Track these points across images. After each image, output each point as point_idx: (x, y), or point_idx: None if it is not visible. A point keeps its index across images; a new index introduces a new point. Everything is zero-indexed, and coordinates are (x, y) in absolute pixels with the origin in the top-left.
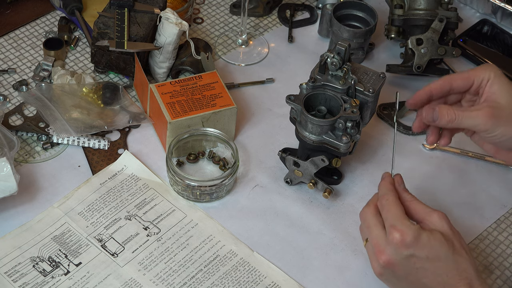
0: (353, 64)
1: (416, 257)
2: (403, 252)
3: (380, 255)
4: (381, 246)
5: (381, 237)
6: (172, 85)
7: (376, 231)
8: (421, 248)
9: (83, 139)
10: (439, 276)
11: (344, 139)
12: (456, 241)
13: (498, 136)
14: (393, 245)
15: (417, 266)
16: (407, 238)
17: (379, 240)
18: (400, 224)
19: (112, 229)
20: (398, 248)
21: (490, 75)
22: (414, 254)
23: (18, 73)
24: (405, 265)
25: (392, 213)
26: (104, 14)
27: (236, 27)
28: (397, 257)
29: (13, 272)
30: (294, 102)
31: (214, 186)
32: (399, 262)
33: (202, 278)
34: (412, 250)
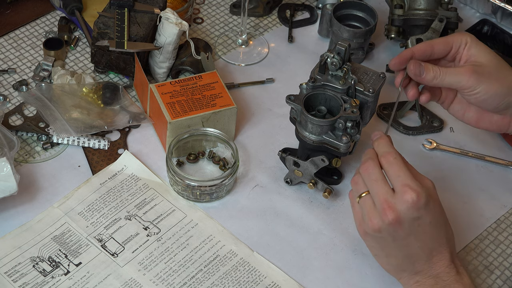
0: (353, 64)
1: (421, 219)
2: (413, 213)
3: (388, 212)
4: (391, 203)
5: (390, 194)
6: (172, 85)
7: (385, 187)
8: (428, 212)
9: (83, 139)
10: (433, 241)
11: (344, 139)
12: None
13: (481, 93)
14: (406, 204)
15: (419, 229)
16: (421, 200)
17: (389, 197)
18: (415, 185)
19: (112, 229)
20: (410, 208)
21: (467, 40)
22: (421, 217)
23: (18, 73)
24: (410, 225)
25: (404, 171)
26: (104, 14)
27: (236, 27)
28: (407, 216)
29: (13, 272)
30: (294, 102)
31: (214, 186)
32: (406, 222)
33: (202, 278)
34: (422, 213)
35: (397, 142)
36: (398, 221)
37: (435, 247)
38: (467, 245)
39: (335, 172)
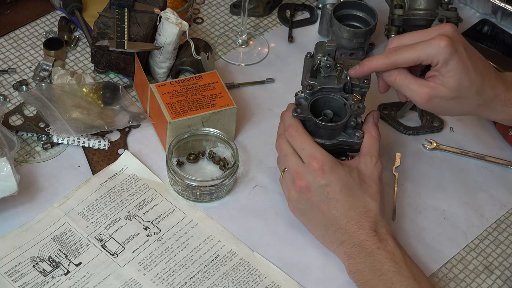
0: (342, 61)
1: (330, 187)
2: (320, 181)
3: (298, 181)
4: (300, 173)
5: (299, 165)
6: (172, 85)
7: (294, 159)
8: (336, 179)
9: (83, 139)
10: (347, 210)
11: (358, 135)
12: (375, 185)
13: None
14: (312, 173)
15: (330, 196)
16: (326, 167)
17: (298, 168)
18: (319, 154)
19: (112, 229)
20: (316, 176)
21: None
22: (329, 184)
23: (18, 73)
24: (320, 193)
25: (308, 143)
26: (104, 14)
27: (236, 27)
28: (314, 184)
29: (13, 272)
30: (302, 114)
31: (214, 186)
32: (315, 189)
33: (202, 278)
34: (328, 180)
35: (397, 142)
36: (307, 188)
37: (351, 216)
38: (467, 245)
39: None
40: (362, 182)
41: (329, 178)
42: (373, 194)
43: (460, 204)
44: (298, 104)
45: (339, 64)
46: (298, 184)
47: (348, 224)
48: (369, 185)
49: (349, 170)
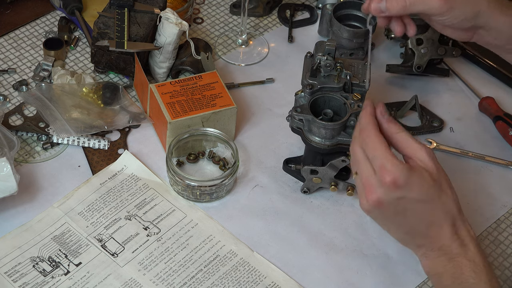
0: (342, 61)
1: (406, 198)
2: (394, 194)
3: (370, 194)
4: (371, 185)
5: (371, 175)
6: (172, 85)
7: (366, 167)
8: (411, 190)
9: (83, 139)
10: (426, 217)
11: None
12: (443, 179)
13: (452, 19)
14: (385, 186)
15: (406, 207)
16: (399, 181)
17: (369, 178)
18: (390, 165)
19: (112, 229)
20: (389, 190)
21: None
22: (404, 196)
23: (18, 73)
24: (395, 205)
25: (380, 151)
26: (104, 14)
27: (236, 27)
28: (388, 198)
29: (13, 272)
30: (302, 113)
31: (214, 186)
32: (389, 203)
33: (202, 278)
34: (403, 192)
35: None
36: (380, 203)
37: (431, 221)
38: None
39: (343, 168)
40: (434, 181)
41: (404, 191)
42: (446, 190)
43: (460, 204)
44: (297, 104)
45: (339, 64)
46: (370, 198)
47: (427, 230)
48: (440, 182)
49: (420, 174)
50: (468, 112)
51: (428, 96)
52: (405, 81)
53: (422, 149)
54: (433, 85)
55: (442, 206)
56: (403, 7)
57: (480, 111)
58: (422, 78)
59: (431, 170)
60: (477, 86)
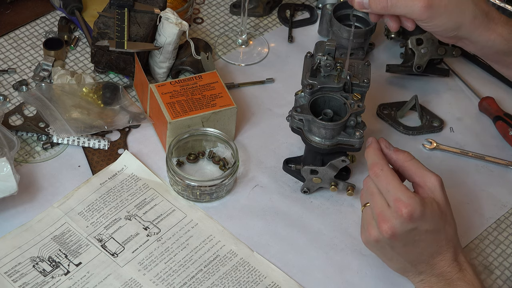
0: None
1: (418, 230)
2: (408, 226)
3: (383, 225)
4: (386, 217)
5: (385, 208)
6: (172, 85)
7: (380, 201)
8: (424, 222)
9: (83, 139)
10: (432, 246)
11: (358, 134)
12: (448, 210)
13: (433, 26)
14: (401, 218)
15: (416, 238)
16: (415, 213)
17: (384, 211)
18: (406, 198)
19: (112, 229)
20: (405, 222)
21: None
22: (416, 228)
23: (18, 73)
24: (407, 237)
25: (393, 185)
26: (104, 14)
27: (236, 27)
28: (402, 229)
29: (13, 272)
30: (302, 113)
31: (214, 186)
32: (401, 234)
33: (202, 278)
34: (417, 224)
35: (397, 142)
36: (393, 235)
37: (435, 250)
38: (467, 245)
39: (343, 168)
40: (441, 212)
41: (418, 222)
42: (450, 220)
43: (460, 204)
44: (298, 104)
45: (339, 64)
46: (383, 229)
47: (431, 258)
48: (445, 213)
49: (431, 205)
50: (468, 112)
51: (428, 96)
52: (405, 81)
53: (432, 178)
54: (433, 85)
55: (446, 235)
56: (384, 8)
57: (480, 111)
58: (422, 78)
59: (439, 200)
60: (477, 86)
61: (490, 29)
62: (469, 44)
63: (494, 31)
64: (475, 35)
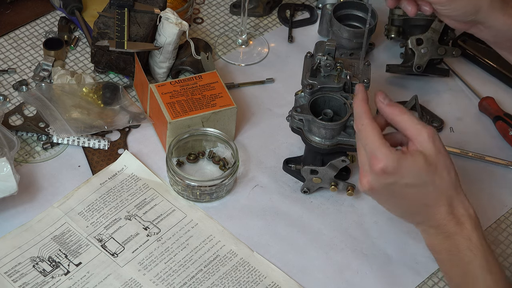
0: (342, 61)
1: (396, 184)
2: (384, 181)
3: (363, 180)
4: (364, 171)
5: (365, 163)
6: (172, 85)
7: (362, 155)
8: (401, 176)
9: (83, 139)
10: (419, 200)
11: None
12: (440, 161)
13: (451, 10)
14: (375, 174)
15: (397, 191)
16: (388, 168)
17: (363, 165)
18: (380, 154)
19: (112, 229)
20: (379, 177)
21: None
22: (394, 182)
23: (18, 73)
24: (387, 190)
25: (370, 139)
26: (104, 14)
27: (236, 27)
28: (378, 183)
29: (13, 272)
30: (302, 113)
31: (214, 186)
32: (381, 188)
33: (202, 278)
34: (392, 179)
35: None
36: (372, 189)
37: (426, 203)
38: None
39: (343, 168)
40: (428, 165)
41: (394, 177)
42: (441, 173)
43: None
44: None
45: (339, 64)
46: (363, 183)
47: (423, 210)
48: (435, 165)
49: (413, 160)
50: (468, 112)
51: (428, 96)
52: (405, 81)
53: (423, 131)
54: (433, 85)
55: (435, 188)
56: None
57: (480, 111)
58: (422, 78)
59: (428, 152)
60: (477, 86)
61: (506, 13)
62: (483, 30)
63: (510, 16)
64: (491, 19)
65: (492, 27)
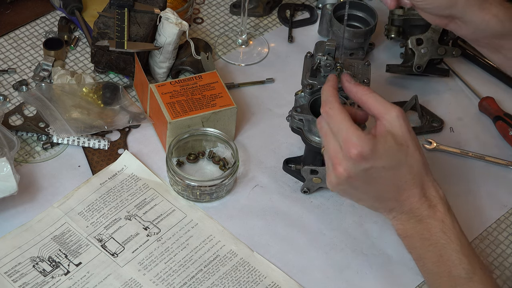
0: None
1: (373, 168)
2: (361, 166)
3: (339, 168)
4: (338, 159)
5: (337, 150)
6: (172, 85)
7: (332, 141)
8: (378, 158)
9: (83, 139)
10: (394, 183)
11: None
12: (410, 141)
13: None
14: (352, 160)
15: (374, 176)
16: (365, 152)
17: (336, 153)
18: (355, 138)
19: (112, 229)
20: (356, 162)
21: None
22: (372, 166)
23: (18, 73)
24: (363, 176)
25: (343, 124)
26: (104, 14)
27: (236, 27)
28: (356, 170)
29: (13, 272)
30: (302, 113)
31: (214, 186)
32: (357, 175)
33: (202, 278)
34: (370, 163)
35: None
36: (349, 176)
37: (400, 186)
38: None
39: None
40: (399, 145)
41: (371, 161)
42: (413, 153)
43: (460, 204)
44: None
45: (339, 64)
46: (339, 171)
47: (397, 194)
48: (406, 145)
49: (384, 141)
50: (468, 112)
51: (428, 96)
52: (405, 81)
53: (391, 109)
54: (433, 85)
55: (409, 169)
56: None
57: (480, 111)
58: (422, 78)
59: (396, 132)
60: (477, 86)
61: (484, 8)
62: (461, 26)
63: (489, 11)
64: (468, 14)
65: (470, 23)
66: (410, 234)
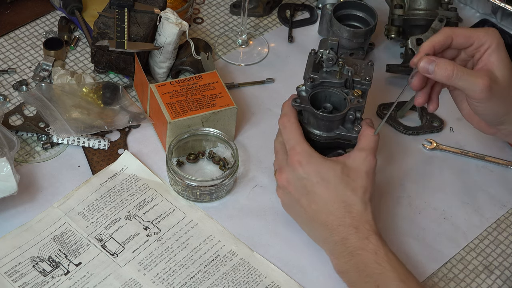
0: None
1: (307, 179)
2: (297, 173)
3: (279, 175)
4: (282, 167)
5: (284, 160)
6: (172, 85)
7: (281, 156)
8: (313, 172)
9: (83, 139)
10: (326, 204)
11: (357, 129)
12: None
13: (484, 108)
14: (291, 165)
15: (308, 189)
16: (303, 160)
17: (282, 163)
18: (299, 147)
19: (112, 229)
20: (294, 168)
21: (491, 43)
22: (306, 177)
23: (18, 73)
24: (298, 186)
25: (294, 135)
26: (104, 14)
27: (236, 27)
28: (293, 177)
29: (13, 272)
30: (302, 104)
31: (214, 186)
32: (294, 182)
33: (202, 278)
34: (305, 172)
35: (397, 142)
36: (287, 181)
37: (331, 211)
38: (467, 245)
39: None
40: (345, 176)
41: (306, 170)
42: (356, 188)
43: (460, 204)
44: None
45: (341, 59)
46: (280, 178)
47: (328, 219)
48: (352, 179)
49: (331, 164)
50: None
51: None
52: (405, 81)
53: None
54: None
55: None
56: (448, 76)
57: None
58: None
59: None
60: None
61: None
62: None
63: None
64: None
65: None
66: (346, 269)
